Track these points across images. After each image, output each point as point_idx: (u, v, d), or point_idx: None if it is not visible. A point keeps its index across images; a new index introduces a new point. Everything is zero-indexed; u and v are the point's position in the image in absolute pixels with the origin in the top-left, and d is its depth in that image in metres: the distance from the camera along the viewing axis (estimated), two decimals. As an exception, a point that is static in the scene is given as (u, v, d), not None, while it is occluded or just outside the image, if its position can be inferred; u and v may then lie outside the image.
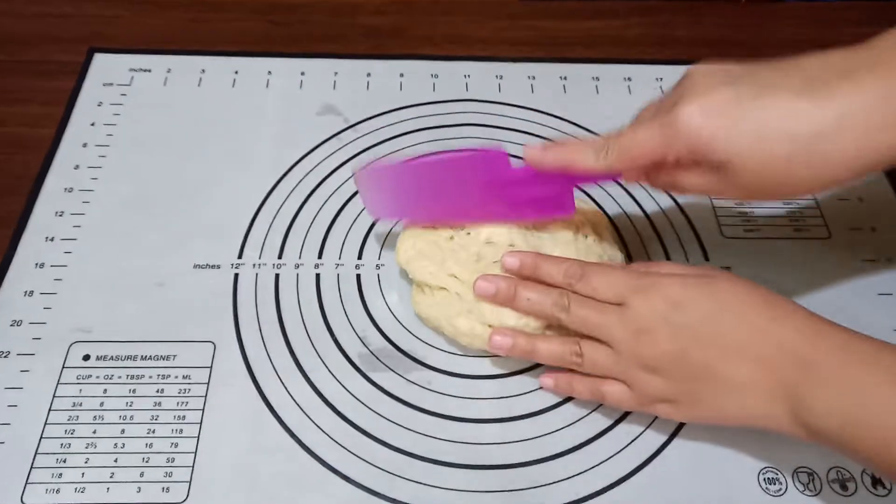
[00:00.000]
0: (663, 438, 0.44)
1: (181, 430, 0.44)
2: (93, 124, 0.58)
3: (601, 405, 0.45)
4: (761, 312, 0.37)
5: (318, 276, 0.51)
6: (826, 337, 0.36)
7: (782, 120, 0.34)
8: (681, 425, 0.45)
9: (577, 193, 0.54)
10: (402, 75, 0.63)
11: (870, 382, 0.34)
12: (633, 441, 0.44)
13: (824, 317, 0.37)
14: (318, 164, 0.57)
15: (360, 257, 0.52)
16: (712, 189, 0.38)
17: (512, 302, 0.43)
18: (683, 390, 0.39)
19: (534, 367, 0.47)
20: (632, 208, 0.55)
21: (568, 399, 0.46)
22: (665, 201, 0.56)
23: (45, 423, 0.44)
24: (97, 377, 0.45)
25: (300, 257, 0.52)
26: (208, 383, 0.46)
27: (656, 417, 0.45)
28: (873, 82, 0.33)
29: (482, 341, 0.45)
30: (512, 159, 0.45)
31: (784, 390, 0.36)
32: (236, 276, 0.51)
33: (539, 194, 0.44)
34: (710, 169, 0.36)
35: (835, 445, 0.35)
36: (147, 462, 0.42)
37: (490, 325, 0.44)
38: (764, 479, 0.43)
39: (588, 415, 0.45)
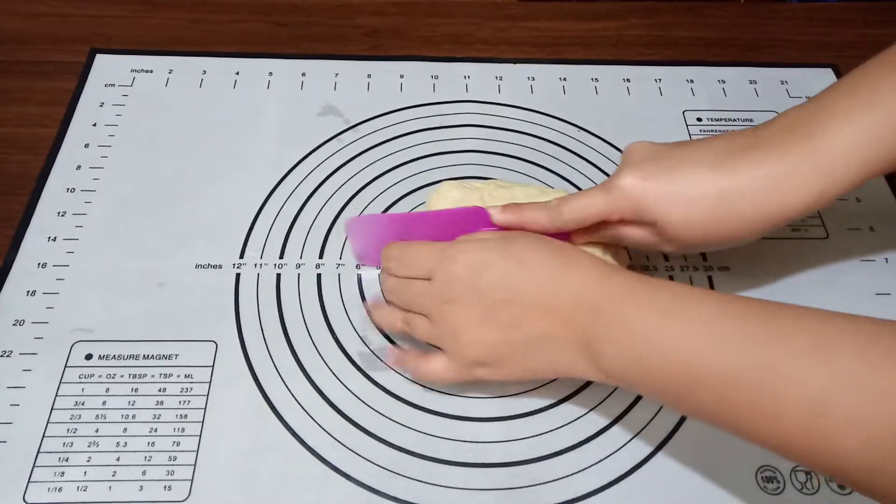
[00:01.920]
0: (661, 437, 0.45)
1: (183, 429, 0.44)
2: (94, 125, 0.59)
3: (599, 404, 0.46)
4: (553, 265, 0.40)
5: (319, 275, 0.51)
6: (610, 282, 0.39)
7: (696, 187, 0.41)
8: (679, 425, 0.45)
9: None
10: (402, 76, 0.63)
11: (647, 321, 0.37)
12: (631, 439, 0.45)
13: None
14: (320, 164, 0.57)
15: (360, 257, 0.52)
16: (649, 241, 0.44)
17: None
18: (495, 351, 0.41)
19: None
20: (631, 208, 0.56)
21: (567, 398, 0.46)
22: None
23: (48, 422, 0.44)
24: (99, 376, 0.46)
25: (301, 257, 0.52)
26: (210, 382, 0.46)
27: (654, 417, 0.45)
28: (766, 158, 0.41)
29: None
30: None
31: (579, 339, 0.39)
32: (238, 275, 0.51)
33: None
34: (644, 225, 0.43)
35: (631, 386, 0.39)
36: (149, 461, 0.43)
37: None
38: (762, 478, 0.43)
39: (587, 413, 0.46)
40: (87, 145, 0.57)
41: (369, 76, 0.63)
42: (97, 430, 0.44)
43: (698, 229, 0.42)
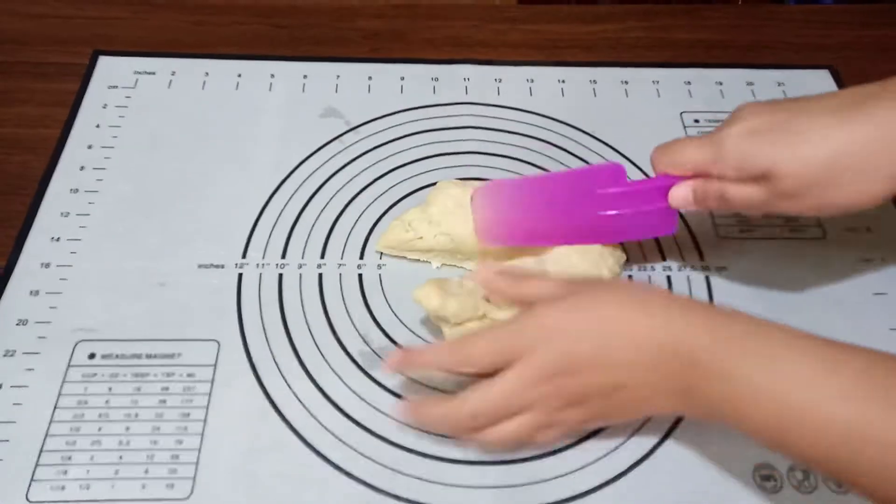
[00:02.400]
0: (660, 435, 0.45)
1: (185, 428, 0.44)
2: (98, 126, 0.59)
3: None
4: (639, 321, 0.38)
5: (320, 275, 0.52)
6: (702, 328, 0.37)
7: (816, 133, 0.37)
8: (677, 423, 0.45)
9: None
10: (402, 78, 0.64)
11: (749, 372, 0.35)
12: (630, 437, 0.45)
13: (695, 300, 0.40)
14: (321, 165, 0.58)
15: (361, 257, 0.53)
16: (758, 199, 0.40)
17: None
18: (601, 408, 0.40)
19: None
20: (630, 209, 0.56)
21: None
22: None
23: (51, 421, 0.44)
24: (102, 376, 0.46)
25: (303, 257, 0.52)
26: (212, 381, 0.46)
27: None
28: None
29: None
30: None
31: (677, 387, 0.38)
32: (240, 275, 0.51)
33: (644, 210, 0.46)
34: (753, 181, 0.40)
35: (733, 427, 0.37)
36: (151, 459, 0.43)
37: None
38: (759, 476, 0.43)
39: (587, 412, 0.46)
40: (90, 146, 0.58)
41: (370, 78, 0.64)
42: (100, 429, 0.44)
43: (813, 186, 0.38)
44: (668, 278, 0.52)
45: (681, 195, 0.44)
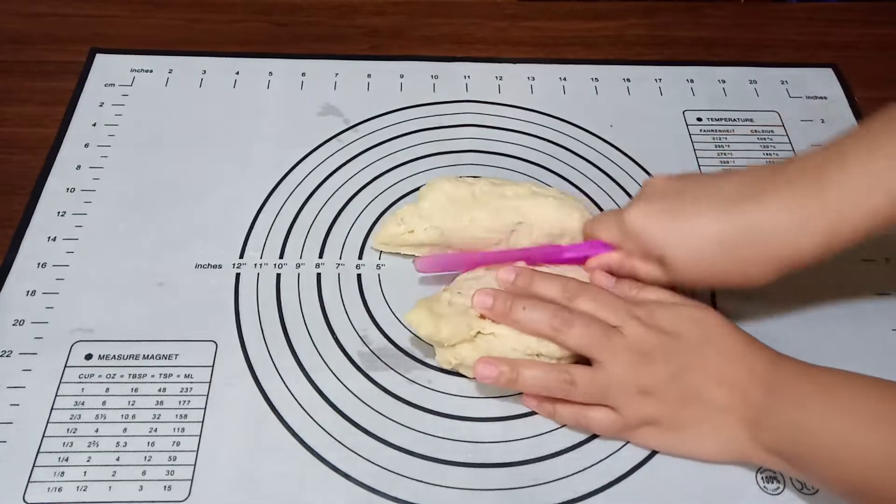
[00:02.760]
0: (662, 437, 0.45)
1: (183, 429, 0.44)
2: (94, 124, 0.59)
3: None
4: (736, 345, 0.42)
5: (318, 275, 0.51)
6: (785, 367, 0.41)
7: (697, 229, 0.42)
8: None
9: (581, 198, 0.54)
10: (402, 76, 0.63)
11: (817, 403, 0.39)
12: (632, 440, 0.45)
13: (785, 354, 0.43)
14: (319, 164, 0.57)
15: (360, 257, 0.52)
16: (660, 276, 0.44)
17: (508, 314, 0.43)
18: (670, 413, 0.42)
19: (533, 367, 0.47)
20: (631, 208, 0.56)
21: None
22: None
23: (48, 422, 0.44)
24: (99, 376, 0.46)
25: (301, 257, 0.52)
26: (210, 382, 0.46)
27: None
28: (773, 203, 0.41)
29: None
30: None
31: (749, 412, 0.41)
32: (238, 275, 0.51)
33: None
34: (653, 260, 0.44)
35: (788, 461, 0.40)
36: (149, 461, 0.43)
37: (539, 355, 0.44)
38: (762, 478, 0.43)
39: (587, 414, 0.46)
40: (86, 145, 0.57)
41: (369, 76, 0.63)
42: (97, 430, 0.44)
43: (703, 271, 0.43)
44: (670, 278, 0.52)
45: (599, 269, 0.47)
